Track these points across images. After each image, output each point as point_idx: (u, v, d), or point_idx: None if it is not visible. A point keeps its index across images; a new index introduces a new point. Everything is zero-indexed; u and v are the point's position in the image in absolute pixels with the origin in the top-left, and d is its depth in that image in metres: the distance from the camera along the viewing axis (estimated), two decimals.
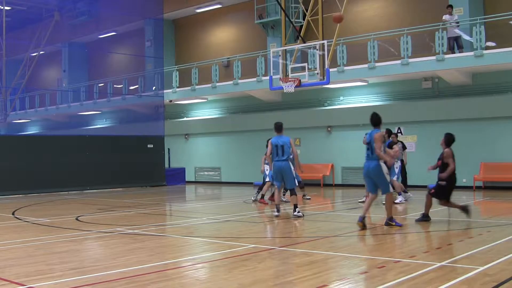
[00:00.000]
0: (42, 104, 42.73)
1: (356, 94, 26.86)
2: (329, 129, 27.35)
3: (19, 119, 44.55)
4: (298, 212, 14.36)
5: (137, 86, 35.91)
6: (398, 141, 19.06)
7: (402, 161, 18.82)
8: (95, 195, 23.61)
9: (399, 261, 8.46)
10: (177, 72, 32.78)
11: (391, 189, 12.43)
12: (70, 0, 39.46)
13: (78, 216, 15.26)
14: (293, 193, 14.48)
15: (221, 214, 16.25)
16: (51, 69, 45.71)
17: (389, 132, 18.01)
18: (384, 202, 14.47)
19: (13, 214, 16.61)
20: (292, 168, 14.63)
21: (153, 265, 8.64)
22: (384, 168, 12.17)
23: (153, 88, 34.18)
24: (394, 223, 12.25)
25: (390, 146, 16.99)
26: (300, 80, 20.20)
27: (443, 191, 13.08)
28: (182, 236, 11.67)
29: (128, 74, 36.94)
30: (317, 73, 20.14)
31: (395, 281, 7.20)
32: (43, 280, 7.59)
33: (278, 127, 14.87)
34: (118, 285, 7.31)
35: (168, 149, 31.72)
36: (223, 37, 34.60)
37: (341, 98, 27.42)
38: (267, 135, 19.17)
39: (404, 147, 20.05)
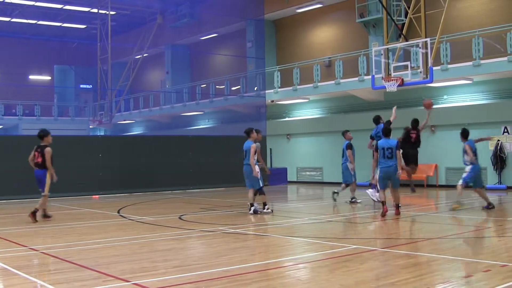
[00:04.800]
0: (146, 105, 44.06)
1: (461, 92, 26.20)
2: (433, 128, 26.79)
3: (124, 120, 46.11)
4: (268, 209, 16.13)
5: (239, 86, 36.39)
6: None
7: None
8: (198, 195, 24.04)
9: (505, 265, 8.23)
10: (279, 72, 33.02)
11: None
12: (172, 3, 40.50)
13: (181, 215, 15.59)
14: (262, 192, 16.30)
15: (323, 214, 16.26)
16: (155, 71, 47.07)
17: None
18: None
19: (118, 212, 17.18)
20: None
21: (255, 264, 8.76)
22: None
23: (255, 89, 34.53)
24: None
25: None
26: (402, 79, 19.97)
27: None
28: (284, 236, 11.73)
29: (230, 75, 37.50)
30: (420, 72, 19.86)
31: (501, 285, 7.01)
32: (147, 277, 7.82)
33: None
34: (220, 283, 7.45)
35: (270, 149, 31.95)
36: (324, 36, 34.51)
37: (445, 97, 26.80)
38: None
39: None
